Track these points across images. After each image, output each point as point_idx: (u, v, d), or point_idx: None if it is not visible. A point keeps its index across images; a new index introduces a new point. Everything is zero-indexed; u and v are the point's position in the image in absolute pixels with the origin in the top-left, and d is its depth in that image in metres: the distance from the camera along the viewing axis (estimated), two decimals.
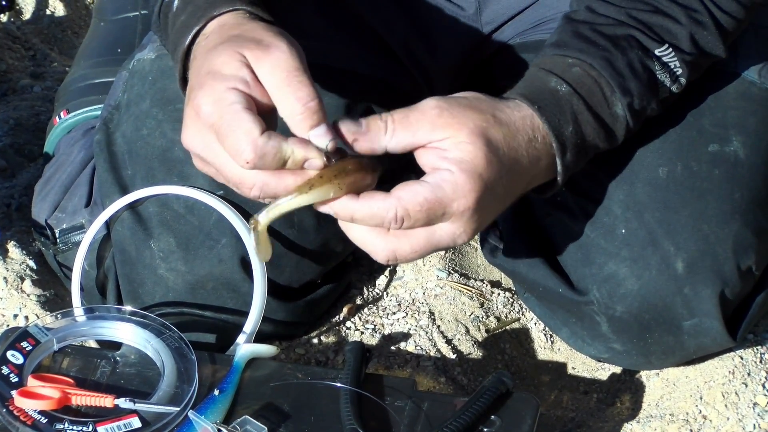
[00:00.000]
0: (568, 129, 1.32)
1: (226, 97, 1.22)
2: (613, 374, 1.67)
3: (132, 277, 1.59)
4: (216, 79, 1.23)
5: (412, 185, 1.21)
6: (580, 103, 1.34)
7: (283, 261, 1.59)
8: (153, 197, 1.57)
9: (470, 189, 1.21)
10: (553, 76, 1.35)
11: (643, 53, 1.38)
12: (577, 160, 1.35)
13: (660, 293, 1.49)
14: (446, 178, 1.21)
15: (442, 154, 1.22)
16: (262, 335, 1.55)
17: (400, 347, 1.66)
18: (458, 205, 1.21)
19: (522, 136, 1.28)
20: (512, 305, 1.76)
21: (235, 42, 1.26)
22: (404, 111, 1.23)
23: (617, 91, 1.36)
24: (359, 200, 1.20)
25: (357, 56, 1.66)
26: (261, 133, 1.20)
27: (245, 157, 1.19)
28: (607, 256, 1.51)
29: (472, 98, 1.28)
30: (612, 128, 1.37)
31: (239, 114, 1.21)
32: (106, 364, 1.45)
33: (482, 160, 1.22)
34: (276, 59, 1.24)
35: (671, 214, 1.49)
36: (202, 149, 1.25)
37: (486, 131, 1.23)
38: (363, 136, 1.21)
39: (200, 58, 1.29)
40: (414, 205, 1.19)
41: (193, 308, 1.58)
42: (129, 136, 1.61)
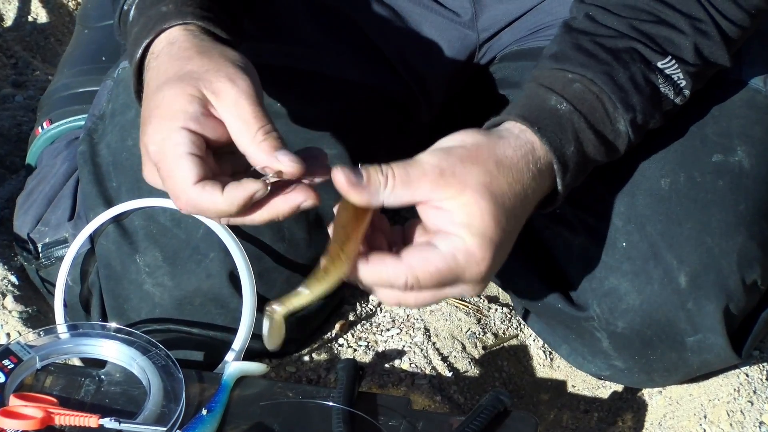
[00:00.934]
0: (569, 149, 1.33)
1: (171, 137, 1.24)
2: (615, 392, 1.67)
3: (117, 292, 1.60)
4: (164, 117, 1.25)
5: (423, 252, 1.22)
6: (581, 121, 1.35)
7: (273, 275, 1.60)
8: (139, 210, 1.58)
9: (483, 257, 1.22)
10: (552, 94, 1.35)
11: (646, 66, 1.39)
12: (577, 177, 1.36)
13: (662, 308, 1.50)
14: (458, 246, 1.21)
15: (449, 216, 1.22)
16: (251, 353, 1.56)
17: (394, 365, 1.67)
18: (471, 274, 1.23)
19: (526, 174, 1.28)
20: (510, 321, 1.76)
21: (189, 74, 1.28)
22: (404, 167, 1.23)
23: (620, 107, 1.36)
24: (369, 265, 1.21)
25: (350, 63, 1.67)
26: (196, 181, 1.22)
27: (179, 206, 1.25)
28: (607, 270, 1.51)
29: (471, 146, 1.27)
30: (614, 144, 1.38)
31: (179, 159, 1.23)
32: (91, 382, 1.45)
33: (490, 222, 1.22)
34: (235, 93, 1.26)
35: (674, 226, 1.49)
36: (160, 184, 1.28)
37: (489, 186, 1.24)
38: (362, 190, 1.21)
39: (152, 85, 1.30)
40: (425, 274, 1.21)
41: (180, 325, 1.58)
42: (114, 146, 1.62)
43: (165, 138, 1.24)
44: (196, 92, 1.26)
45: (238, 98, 1.26)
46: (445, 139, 1.28)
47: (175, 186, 1.23)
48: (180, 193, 1.23)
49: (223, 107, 1.26)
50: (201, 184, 1.22)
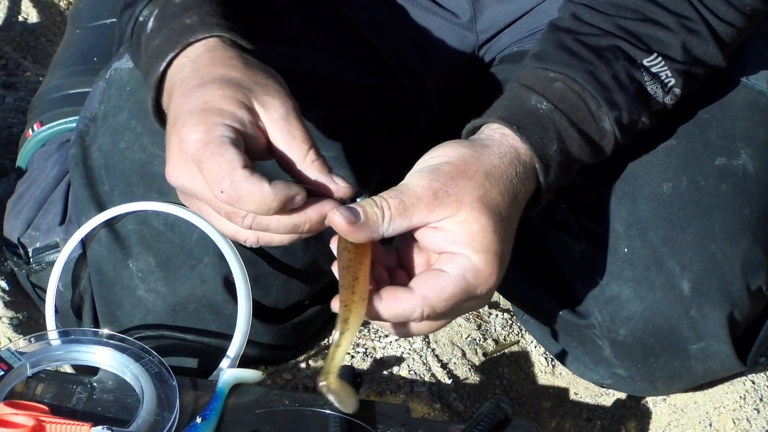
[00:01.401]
0: (552, 147, 1.34)
1: (217, 129, 1.23)
2: (618, 400, 1.68)
3: (109, 298, 1.60)
4: (211, 113, 1.24)
5: (434, 279, 1.23)
6: (563, 120, 1.35)
7: (269, 281, 1.60)
8: (131, 214, 1.58)
9: (491, 272, 1.24)
10: (533, 94, 1.36)
11: (630, 64, 1.39)
12: (561, 177, 1.37)
13: (665, 315, 1.50)
14: (466, 266, 1.23)
15: (449, 237, 1.24)
16: (246, 360, 1.56)
17: (392, 372, 1.67)
18: (482, 290, 1.25)
19: (515, 180, 1.30)
20: (511, 327, 1.77)
21: (237, 81, 1.28)
22: (397, 195, 1.24)
23: (603, 106, 1.37)
24: (383, 302, 1.22)
25: (346, 65, 1.67)
26: (243, 166, 1.21)
27: (220, 189, 1.21)
28: (609, 276, 1.52)
29: (458, 161, 1.27)
30: (599, 144, 1.39)
31: (226, 145, 1.22)
32: (83, 390, 1.45)
33: (492, 236, 1.24)
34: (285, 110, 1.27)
35: (676, 231, 1.50)
36: (188, 181, 1.26)
37: (484, 200, 1.25)
38: (362, 227, 1.22)
39: (191, 84, 1.29)
40: (440, 302, 1.22)
41: (174, 331, 1.59)
42: (106, 149, 1.62)
43: (210, 129, 1.23)
44: (245, 99, 1.26)
45: (288, 115, 1.28)
46: (428, 157, 1.29)
47: (221, 168, 1.20)
48: (226, 174, 1.20)
49: (272, 122, 1.27)
50: (249, 169, 1.21)
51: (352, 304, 1.21)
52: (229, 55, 1.32)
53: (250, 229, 1.25)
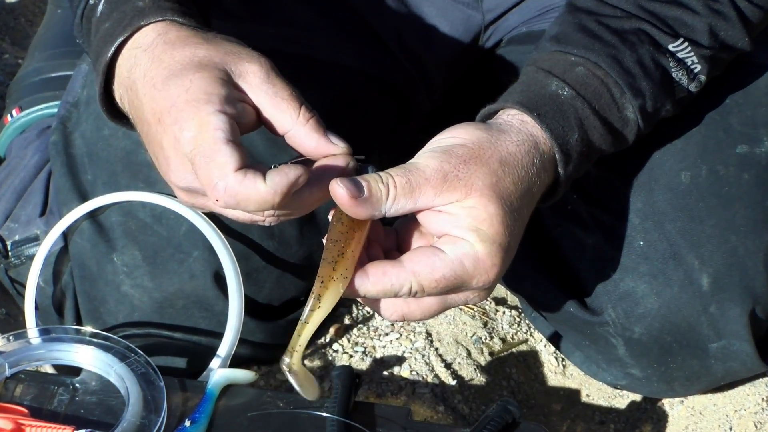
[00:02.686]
0: (573, 137, 1.33)
1: (209, 122, 1.21)
2: (633, 402, 1.68)
3: (93, 294, 1.60)
4: (198, 101, 1.23)
5: (428, 257, 1.21)
6: (585, 107, 1.34)
7: (262, 276, 1.61)
8: (116, 205, 1.59)
9: (492, 264, 1.22)
10: (553, 78, 1.35)
11: (655, 49, 1.39)
12: (580, 167, 1.36)
13: (683, 312, 1.51)
14: (467, 252, 1.21)
15: (454, 221, 1.22)
16: (238, 359, 1.57)
17: (393, 372, 1.68)
18: (478, 281, 1.23)
19: (531, 171, 1.28)
20: (519, 325, 1.77)
21: (207, 60, 1.26)
22: (405, 174, 1.22)
23: (627, 93, 1.36)
24: (369, 277, 1.21)
25: (344, 47, 1.68)
26: (237, 168, 1.20)
27: (216, 197, 1.20)
28: (623, 271, 1.52)
29: (473, 144, 1.26)
30: (622, 132, 1.38)
31: (219, 145, 1.20)
32: (64, 391, 1.46)
33: (500, 227, 1.22)
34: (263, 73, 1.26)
35: (695, 223, 1.50)
36: (193, 180, 1.24)
37: (496, 189, 1.24)
38: (363, 203, 1.20)
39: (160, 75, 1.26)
40: (430, 282, 1.21)
41: (161, 329, 1.59)
42: (89, 136, 1.63)
43: (202, 124, 1.21)
44: (223, 75, 1.25)
45: (269, 77, 1.26)
46: (442, 137, 1.28)
47: (213, 174, 1.20)
48: (219, 181, 1.19)
49: (254, 89, 1.26)
50: (242, 171, 1.20)
51: (330, 282, 1.20)
52: (185, 34, 1.30)
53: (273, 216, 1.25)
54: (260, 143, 1.50)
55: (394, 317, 1.25)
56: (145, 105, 1.27)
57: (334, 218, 1.23)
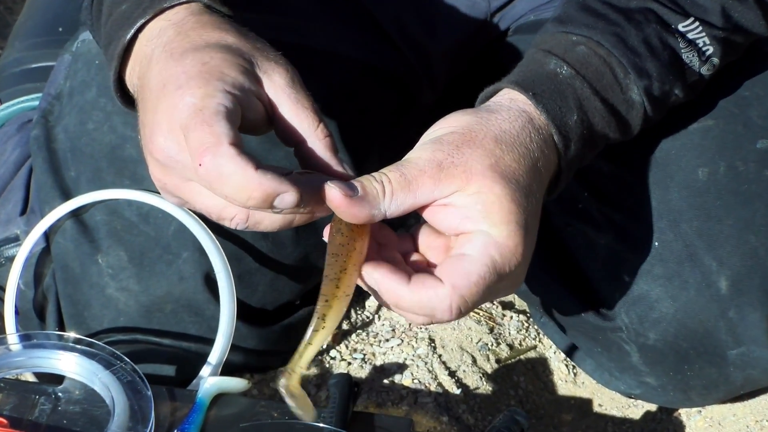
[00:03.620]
0: (571, 118, 1.32)
1: (216, 95, 1.21)
2: (647, 412, 1.68)
3: (76, 298, 1.61)
4: (211, 76, 1.22)
5: (458, 263, 1.20)
6: (584, 87, 1.34)
7: (255, 278, 1.61)
8: (100, 203, 1.59)
9: (515, 244, 1.21)
10: (552, 57, 1.35)
11: (663, 28, 1.38)
12: (583, 154, 1.35)
13: (700, 317, 1.51)
14: (487, 242, 1.20)
15: (461, 213, 1.22)
16: (230, 367, 1.57)
17: (394, 380, 1.68)
18: (511, 266, 1.22)
19: (530, 146, 1.28)
20: (527, 331, 1.77)
21: (236, 46, 1.27)
22: (398, 169, 1.22)
23: (632, 73, 1.36)
24: (409, 287, 1.20)
25: (341, 35, 1.68)
26: (231, 142, 1.18)
27: (201, 158, 1.17)
28: (637, 273, 1.52)
29: (462, 129, 1.26)
30: (626, 116, 1.38)
31: (220, 115, 1.19)
32: (46, 401, 1.46)
33: (510, 204, 1.22)
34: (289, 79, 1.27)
35: (713, 223, 1.50)
36: (177, 152, 1.23)
37: (496, 167, 1.23)
38: (359, 202, 1.19)
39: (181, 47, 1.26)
40: (470, 289, 1.20)
41: (148, 335, 1.59)
42: (72, 130, 1.63)
43: (208, 95, 1.20)
44: (246, 65, 1.25)
45: (293, 82, 1.27)
46: (432, 130, 1.28)
47: (205, 139, 1.17)
48: (209, 147, 1.17)
49: (279, 89, 1.26)
50: (236, 147, 1.18)
51: (334, 300, 1.20)
52: (218, 20, 1.31)
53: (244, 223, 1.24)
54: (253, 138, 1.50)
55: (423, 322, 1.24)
56: (154, 72, 1.26)
57: (333, 230, 1.22)
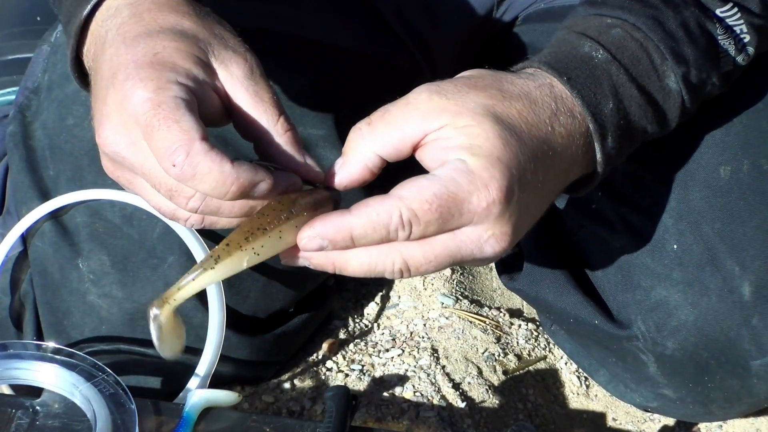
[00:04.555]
0: (607, 105, 1.31)
1: (170, 88, 1.20)
2: (665, 427, 1.68)
3: (55, 305, 1.60)
4: (163, 67, 1.22)
5: (415, 181, 1.18)
6: (621, 73, 1.33)
7: (246, 284, 1.61)
8: (81, 204, 1.59)
9: (490, 177, 1.18)
10: (586, 40, 1.34)
11: (702, 12, 1.38)
12: (621, 147, 1.34)
13: (722, 325, 1.51)
14: (458, 168, 1.18)
15: (445, 143, 1.20)
16: (220, 378, 1.57)
17: (394, 393, 1.68)
18: (479, 200, 1.18)
19: (542, 108, 1.26)
20: (536, 340, 1.77)
21: (191, 33, 1.26)
22: (385, 106, 1.23)
23: (669, 59, 1.35)
24: (353, 211, 1.18)
25: (338, 25, 1.68)
26: (201, 138, 1.18)
27: (173, 159, 1.17)
28: (654, 278, 1.52)
29: (470, 75, 1.26)
30: (662, 107, 1.37)
31: (184, 109, 1.19)
32: (24, 414, 1.46)
33: (497, 141, 1.20)
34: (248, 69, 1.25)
35: (736, 225, 1.50)
36: (125, 147, 1.22)
37: (493, 108, 1.22)
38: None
39: (133, 31, 1.26)
40: (421, 204, 1.17)
41: (132, 344, 1.59)
42: (51, 127, 1.63)
43: (162, 88, 1.19)
44: (202, 54, 1.24)
45: (254, 73, 1.26)
46: None
47: (175, 138, 1.17)
48: (181, 146, 1.16)
49: (236, 80, 1.25)
50: (207, 142, 1.18)
51: (237, 251, 1.18)
52: (177, 1, 1.29)
53: (196, 212, 1.23)
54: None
55: (396, 267, 1.20)
56: (106, 56, 1.25)
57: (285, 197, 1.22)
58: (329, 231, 1.17)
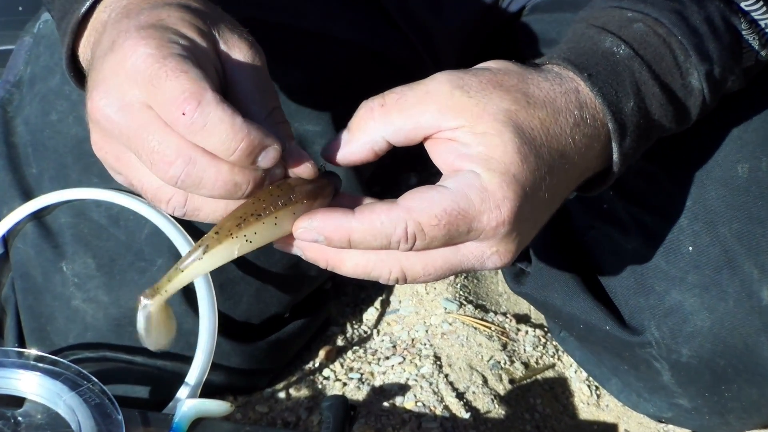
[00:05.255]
0: (628, 104, 1.31)
1: (172, 46, 1.18)
2: None
3: (38, 310, 1.60)
4: (165, 29, 1.20)
5: (425, 192, 1.18)
6: (643, 70, 1.33)
7: (238, 288, 1.61)
8: (65, 204, 1.59)
9: (503, 197, 1.19)
10: (607, 35, 1.34)
11: (726, 6, 1.37)
12: (638, 146, 1.34)
13: (739, 331, 1.50)
14: (471, 183, 1.18)
15: (461, 149, 1.20)
16: (211, 387, 1.57)
17: (395, 403, 1.67)
18: (489, 220, 1.19)
19: (565, 118, 1.26)
20: (544, 347, 1.77)
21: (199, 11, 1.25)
22: (402, 89, 1.22)
23: (693, 56, 1.34)
24: (356, 215, 1.18)
25: (337, 16, 1.68)
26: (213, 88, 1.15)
27: (184, 106, 1.14)
28: (669, 282, 1.52)
29: (497, 70, 1.25)
30: (685, 104, 1.36)
31: (187, 63, 1.16)
32: (5, 425, 1.46)
33: (515, 156, 1.20)
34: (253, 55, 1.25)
35: (754, 225, 1.49)
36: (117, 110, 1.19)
37: (515, 116, 1.21)
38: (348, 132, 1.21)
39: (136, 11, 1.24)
40: (429, 219, 1.17)
41: (119, 352, 1.59)
42: (34, 122, 1.62)
43: (162, 45, 1.17)
44: (207, 30, 1.23)
45: (255, 60, 1.25)
46: None
47: (186, 86, 1.15)
48: (192, 94, 1.14)
49: (235, 62, 1.24)
50: (220, 95, 1.16)
51: (227, 238, 1.17)
52: None
53: (176, 185, 1.21)
54: None
55: (392, 275, 1.21)
56: (106, 33, 1.24)
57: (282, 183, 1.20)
58: (328, 228, 1.17)
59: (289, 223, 1.18)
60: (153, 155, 1.16)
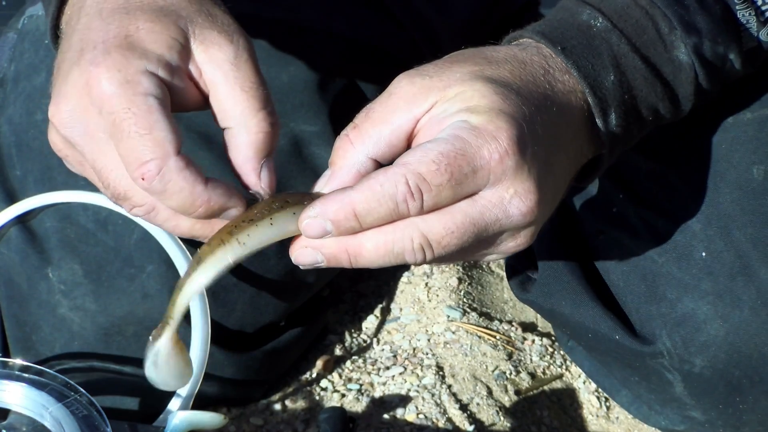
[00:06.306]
0: (607, 78, 1.31)
1: (139, 82, 1.19)
2: None
3: (23, 318, 1.61)
4: (132, 53, 1.21)
5: (418, 147, 1.17)
6: (622, 42, 1.33)
7: (232, 296, 1.62)
8: (51, 207, 1.59)
9: (496, 128, 1.17)
10: (585, 7, 1.34)
11: None
12: (628, 126, 1.33)
13: (755, 340, 1.51)
14: (461, 126, 1.17)
15: (441, 116, 1.20)
16: (204, 399, 1.58)
17: (396, 415, 1.68)
18: (490, 152, 1.17)
19: (532, 67, 1.26)
20: (552, 357, 1.77)
21: (171, 9, 1.25)
22: (367, 105, 1.22)
23: (678, 28, 1.34)
24: (354, 187, 1.16)
25: (335, 10, 1.68)
26: (176, 151, 1.18)
27: (143, 171, 1.17)
28: (681, 289, 1.53)
29: (449, 56, 1.26)
30: (672, 81, 1.36)
31: (158, 115, 1.18)
32: None
33: (494, 97, 1.19)
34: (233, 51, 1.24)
35: None
36: (81, 135, 1.22)
37: (481, 72, 1.22)
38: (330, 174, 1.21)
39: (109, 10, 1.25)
40: (428, 165, 1.15)
41: (107, 362, 1.60)
42: (18, 122, 1.63)
43: (129, 82, 1.19)
44: (179, 36, 1.23)
45: (237, 59, 1.24)
46: None
47: (148, 150, 1.16)
48: (154, 160, 1.16)
49: (213, 62, 1.24)
50: (184, 158, 1.17)
51: (219, 246, 1.18)
52: None
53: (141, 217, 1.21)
54: None
55: (416, 243, 1.18)
56: (78, 27, 1.25)
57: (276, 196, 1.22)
58: (330, 209, 1.16)
59: (290, 224, 1.19)
60: (117, 198, 1.21)
